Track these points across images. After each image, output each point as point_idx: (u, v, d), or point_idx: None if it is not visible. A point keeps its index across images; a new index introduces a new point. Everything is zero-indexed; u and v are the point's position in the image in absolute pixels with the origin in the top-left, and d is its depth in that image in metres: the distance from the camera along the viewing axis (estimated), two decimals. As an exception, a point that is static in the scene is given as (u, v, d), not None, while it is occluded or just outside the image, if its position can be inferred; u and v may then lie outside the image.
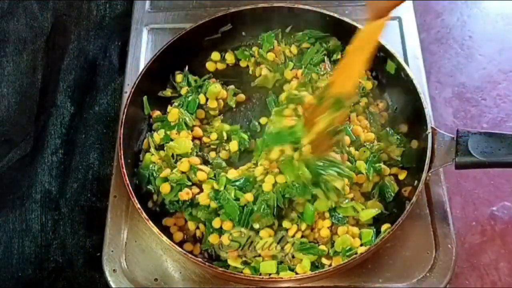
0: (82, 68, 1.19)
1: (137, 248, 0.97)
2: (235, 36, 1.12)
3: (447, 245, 0.94)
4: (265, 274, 0.89)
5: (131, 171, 0.98)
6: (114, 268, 0.95)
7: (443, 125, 1.12)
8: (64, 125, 1.12)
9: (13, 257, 1.01)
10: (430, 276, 0.92)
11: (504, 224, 1.03)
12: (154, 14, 1.24)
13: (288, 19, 1.09)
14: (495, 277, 0.98)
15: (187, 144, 0.99)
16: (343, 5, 1.22)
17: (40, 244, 1.03)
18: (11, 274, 0.99)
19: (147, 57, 1.16)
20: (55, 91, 1.12)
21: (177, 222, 0.96)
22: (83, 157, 1.12)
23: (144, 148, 1.03)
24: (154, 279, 0.94)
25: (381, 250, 0.94)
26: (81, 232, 1.06)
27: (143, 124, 1.05)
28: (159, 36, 1.20)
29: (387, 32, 1.17)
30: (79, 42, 1.19)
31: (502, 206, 1.05)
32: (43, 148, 1.08)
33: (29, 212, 1.03)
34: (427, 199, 0.99)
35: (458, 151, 0.89)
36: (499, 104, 1.15)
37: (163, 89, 1.09)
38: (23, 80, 1.03)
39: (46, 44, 1.08)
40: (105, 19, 1.26)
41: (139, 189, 0.98)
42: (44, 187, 1.06)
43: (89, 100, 1.18)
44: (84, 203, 1.09)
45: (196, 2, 1.25)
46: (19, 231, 1.02)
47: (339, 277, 0.92)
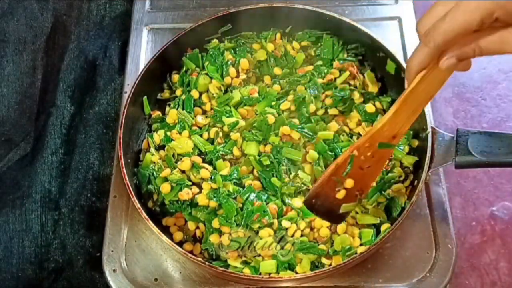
0: (82, 68, 1.19)
1: (137, 248, 0.97)
2: (235, 36, 1.12)
3: (447, 245, 0.94)
4: (265, 274, 0.89)
5: (131, 171, 0.98)
6: (114, 268, 0.95)
7: (443, 125, 1.12)
8: (64, 125, 1.12)
9: (13, 257, 1.01)
10: (430, 276, 0.92)
11: (504, 224, 1.03)
12: (154, 14, 1.24)
13: (288, 19, 1.09)
14: (495, 277, 0.98)
15: (188, 143, 0.99)
16: (343, 5, 1.22)
17: (40, 244, 1.03)
18: (11, 274, 0.99)
19: (147, 57, 1.17)
20: (55, 91, 1.12)
21: (177, 222, 0.96)
22: (83, 157, 1.12)
23: (144, 148, 1.03)
24: (154, 279, 0.94)
25: (381, 250, 0.94)
26: (81, 232, 1.06)
27: (143, 124, 1.05)
28: (159, 36, 1.21)
29: (387, 32, 1.17)
30: (79, 42, 1.19)
31: (502, 206, 1.05)
32: (43, 148, 1.08)
33: (29, 212, 1.03)
34: (427, 199, 0.99)
35: (458, 151, 0.89)
36: (499, 104, 1.15)
37: (163, 89, 1.09)
38: (23, 80, 1.03)
39: (46, 44, 1.07)
40: (105, 19, 1.26)
41: (139, 189, 0.98)
42: (44, 187, 1.06)
43: (89, 100, 1.18)
44: (84, 203, 1.09)
45: (196, 2, 1.25)
46: (19, 231, 1.02)
47: (339, 277, 0.92)
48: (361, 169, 0.87)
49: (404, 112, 0.81)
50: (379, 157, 0.86)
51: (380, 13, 1.21)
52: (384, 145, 0.85)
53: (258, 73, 1.09)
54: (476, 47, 0.67)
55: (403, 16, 1.19)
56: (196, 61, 1.09)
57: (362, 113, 1.01)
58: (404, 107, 0.81)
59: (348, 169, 0.86)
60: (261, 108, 1.01)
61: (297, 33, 1.11)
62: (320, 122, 1.00)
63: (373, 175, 0.89)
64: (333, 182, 0.88)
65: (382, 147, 0.85)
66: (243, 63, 1.06)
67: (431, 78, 0.76)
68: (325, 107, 1.02)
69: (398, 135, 0.85)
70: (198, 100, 1.06)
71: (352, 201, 0.89)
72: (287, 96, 1.03)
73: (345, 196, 0.88)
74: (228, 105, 1.03)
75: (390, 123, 0.83)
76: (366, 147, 0.85)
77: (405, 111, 0.81)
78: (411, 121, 0.83)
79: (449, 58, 0.70)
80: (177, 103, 1.06)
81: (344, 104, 1.01)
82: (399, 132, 0.84)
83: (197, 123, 1.03)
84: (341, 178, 0.87)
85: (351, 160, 0.86)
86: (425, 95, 0.79)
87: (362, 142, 0.85)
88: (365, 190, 0.89)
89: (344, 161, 0.86)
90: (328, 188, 0.88)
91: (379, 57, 1.03)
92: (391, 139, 0.85)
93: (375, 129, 0.84)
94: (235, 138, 0.99)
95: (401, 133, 0.84)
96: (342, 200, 0.88)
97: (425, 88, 0.78)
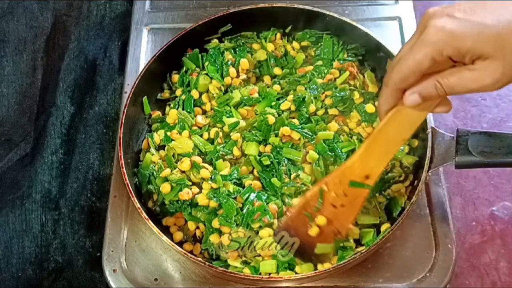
0: (82, 68, 1.19)
1: (137, 248, 0.97)
2: (235, 36, 1.12)
3: (447, 245, 0.94)
4: (265, 274, 0.89)
5: (131, 171, 0.98)
6: (114, 268, 0.95)
7: (443, 125, 1.12)
8: (64, 125, 1.12)
9: (13, 257, 1.01)
10: (430, 276, 0.92)
11: (504, 224, 1.03)
12: (154, 14, 1.24)
13: (288, 19, 1.09)
14: (495, 277, 0.98)
15: (188, 144, 0.99)
16: (343, 5, 1.22)
17: (40, 244, 1.03)
18: (11, 274, 0.99)
19: (147, 57, 1.17)
20: (55, 91, 1.12)
21: (177, 222, 0.96)
22: (83, 157, 1.12)
23: (144, 148, 1.03)
24: (154, 279, 0.94)
25: (381, 250, 0.94)
26: (81, 232, 1.06)
27: (143, 124, 1.05)
28: (159, 36, 1.21)
29: (387, 32, 1.17)
30: (79, 42, 1.19)
31: (502, 206, 1.05)
32: (43, 148, 1.08)
33: (29, 212, 1.03)
34: (427, 199, 0.99)
35: (458, 151, 0.89)
36: (499, 104, 1.15)
37: (163, 89, 1.09)
38: (23, 80, 1.03)
39: (46, 44, 1.07)
40: (105, 19, 1.26)
41: (139, 189, 0.98)
42: (44, 187, 1.06)
43: (89, 100, 1.18)
44: (84, 203, 1.09)
45: (196, 2, 1.25)
46: (19, 231, 1.02)
47: (339, 277, 0.92)
48: (334, 207, 0.86)
49: (376, 151, 0.81)
50: (353, 196, 0.85)
51: (380, 13, 1.21)
52: (356, 184, 0.84)
53: (258, 73, 1.09)
54: (438, 84, 0.69)
55: (403, 16, 1.19)
56: (196, 61, 1.09)
57: (362, 113, 1.01)
58: (374, 146, 0.81)
59: (318, 204, 0.86)
60: (261, 108, 1.01)
61: (297, 33, 1.11)
62: (320, 122, 1.00)
63: (348, 216, 0.86)
64: (304, 218, 0.87)
65: (354, 186, 0.84)
66: (243, 63, 1.06)
67: (401, 119, 0.77)
68: (325, 107, 1.02)
69: (372, 176, 0.83)
70: (198, 100, 1.06)
71: (329, 242, 0.87)
72: (287, 96, 1.03)
73: (320, 235, 0.87)
74: (228, 105, 1.03)
75: (361, 160, 0.82)
76: (336, 183, 0.85)
77: (377, 151, 0.81)
78: (384, 162, 0.83)
79: (411, 95, 0.71)
80: (177, 103, 1.06)
81: (344, 104, 1.01)
82: (372, 172, 0.83)
83: (197, 123, 1.03)
84: (312, 213, 0.86)
85: (321, 195, 0.85)
86: (397, 136, 0.79)
87: (332, 178, 0.85)
88: (342, 231, 0.87)
89: (314, 196, 0.86)
90: (299, 223, 0.87)
91: (379, 57, 1.03)
92: (364, 179, 0.84)
93: (345, 166, 0.84)
94: (235, 138, 0.99)
95: (374, 174, 0.83)
96: (317, 239, 0.87)
97: (396, 128, 0.78)
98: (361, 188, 0.84)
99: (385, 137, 0.80)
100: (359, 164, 0.83)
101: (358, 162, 0.83)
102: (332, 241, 0.87)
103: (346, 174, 0.84)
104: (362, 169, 0.83)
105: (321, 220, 0.86)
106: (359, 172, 0.83)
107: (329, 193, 0.85)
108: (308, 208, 0.87)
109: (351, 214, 0.86)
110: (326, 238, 0.87)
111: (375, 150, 0.82)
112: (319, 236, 0.87)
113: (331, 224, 0.86)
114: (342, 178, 0.84)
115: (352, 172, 0.84)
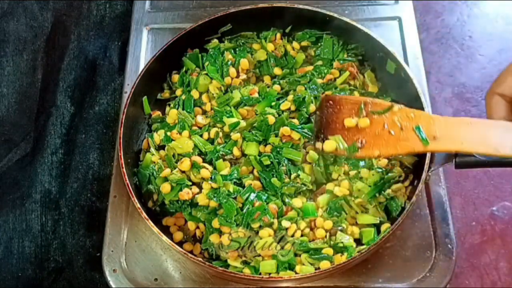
0: (82, 68, 1.19)
1: (137, 248, 0.97)
2: (235, 36, 1.12)
3: (447, 245, 0.94)
4: (265, 274, 0.89)
5: (131, 171, 0.98)
6: (114, 268, 0.95)
7: (443, 125, 1.12)
8: (64, 125, 1.12)
9: (13, 257, 1.01)
10: (430, 276, 0.92)
11: (504, 224, 1.03)
12: (154, 14, 1.24)
13: (288, 19, 1.09)
14: (495, 277, 0.98)
15: (188, 144, 0.99)
16: (343, 5, 1.22)
17: (40, 244, 1.03)
18: (11, 274, 0.99)
19: (147, 57, 1.17)
20: (55, 91, 1.12)
21: (177, 222, 0.96)
22: (83, 157, 1.12)
23: (144, 148, 1.03)
24: (154, 279, 0.94)
25: (381, 250, 0.94)
26: (81, 232, 1.06)
27: (143, 124, 1.05)
28: (159, 36, 1.21)
29: (387, 32, 1.17)
30: (79, 42, 1.19)
31: (502, 206, 1.05)
32: (43, 148, 1.08)
33: (29, 212, 1.03)
34: (427, 199, 0.99)
35: (458, 151, 0.89)
36: (499, 104, 1.15)
37: (163, 89, 1.09)
38: (23, 80, 1.03)
39: (46, 44, 1.07)
40: (105, 19, 1.26)
41: (139, 189, 0.98)
42: (44, 187, 1.06)
43: (89, 100, 1.18)
44: (84, 203, 1.09)
45: (196, 2, 1.25)
46: (19, 231, 1.02)
47: (339, 277, 0.92)
48: (383, 129, 0.82)
49: (462, 132, 0.81)
50: (405, 138, 0.81)
51: (380, 13, 1.21)
52: (420, 132, 0.81)
53: (258, 73, 1.09)
54: None
55: (403, 16, 1.19)
56: (196, 61, 1.09)
57: (362, 113, 1.01)
58: (467, 128, 0.81)
59: (379, 112, 0.82)
60: (261, 108, 1.01)
61: (297, 33, 1.11)
62: (320, 123, 1.00)
63: (386, 146, 0.82)
64: (352, 107, 0.83)
65: (418, 132, 0.81)
66: (243, 63, 1.06)
67: None
68: (325, 107, 1.02)
69: (436, 143, 0.81)
70: (198, 100, 1.06)
71: (348, 143, 0.84)
72: (287, 96, 1.03)
73: (349, 131, 0.84)
74: (228, 105, 1.03)
75: (446, 125, 0.81)
76: (407, 116, 0.82)
77: (462, 133, 0.81)
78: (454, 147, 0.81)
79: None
80: (177, 103, 1.06)
81: (344, 104, 1.01)
82: (440, 142, 0.81)
83: (197, 123, 1.03)
84: (367, 111, 0.83)
85: (387, 109, 0.82)
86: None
87: (412, 110, 0.82)
88: (366, 146, 0.83)
89: (381, 103, 0.83)
90: (346, 107, 0.84)
91: (379, 57, 1.03)
92: (431, 137, 0.80)
93: (432, 115, 0.82)
94: (235, 138, 0.99)
95: (438, 146, 0.81)
96: (344, 131, 0.84)
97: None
98: (417, 142, 0.81)
99: (477, 131, 0.79)
100: (440, 125, 0.80)
101: (442, 123, 0.81)
102: (350, 144, 0.84)
103: (422, 119, 0.81)
104: (438, 130, 0.80)
105: (363, 121, 0.83)
106: (432, 129, 0.81)
107: (395, 114, 0.82)
108: (367, 106, 0.83)
109: (390, 147, 0.83)
110: (350, 137, 0.84)
111: (461, 130, 0.80)
112: (348, 130, 0.84)
113: (364, 134, 0.83)
114: (417, 118, 0.81)
115: (427, 122, 0.81)
